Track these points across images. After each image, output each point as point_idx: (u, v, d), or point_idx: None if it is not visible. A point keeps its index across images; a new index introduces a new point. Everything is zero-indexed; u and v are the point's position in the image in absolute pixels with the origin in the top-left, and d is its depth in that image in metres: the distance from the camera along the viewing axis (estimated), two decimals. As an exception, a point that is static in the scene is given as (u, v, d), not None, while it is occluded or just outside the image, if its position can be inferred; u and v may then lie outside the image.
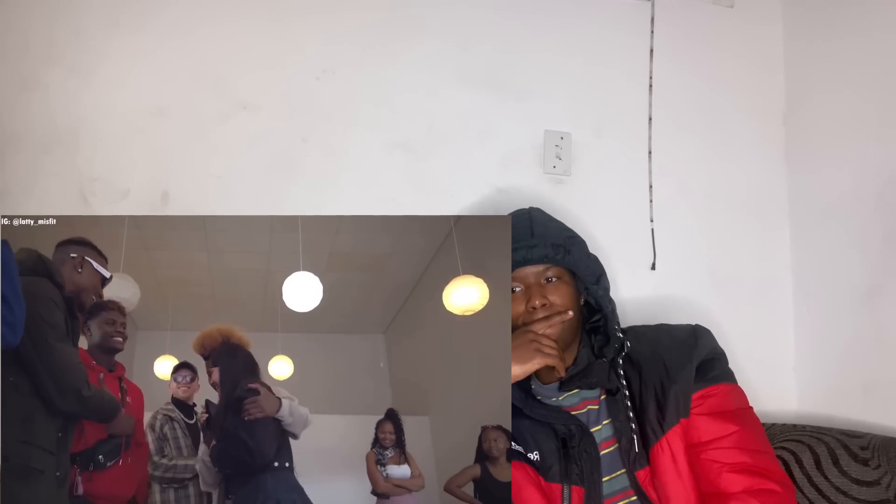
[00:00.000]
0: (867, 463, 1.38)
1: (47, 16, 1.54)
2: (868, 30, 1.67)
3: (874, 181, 1.63)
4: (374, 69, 1.69)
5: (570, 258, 1.27)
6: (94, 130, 1.53)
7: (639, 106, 1.85)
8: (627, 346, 1.29)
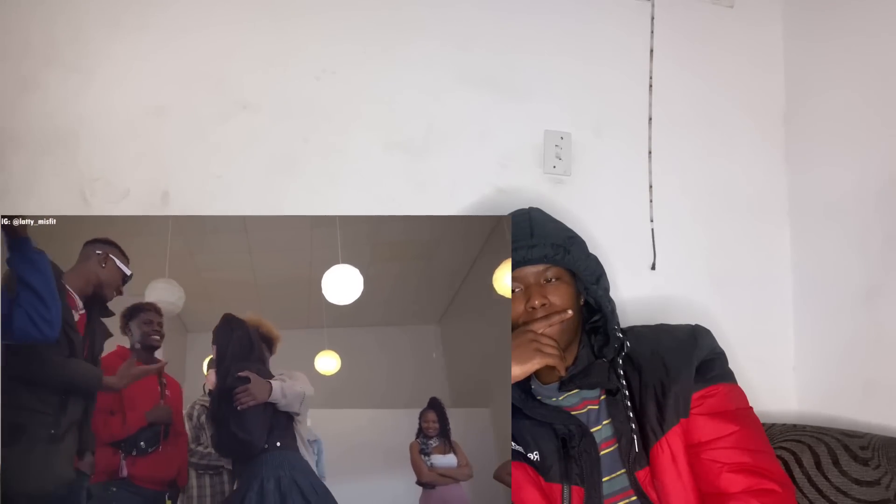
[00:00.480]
0: (867, 463, 1.38)
1: (47, 16, 1.54)
2: (868, 30, 1.67)
3: (874, 181, 1.63)
4: (374, 69, 1.69)
5: (569, 258, 1.27)
6: (94, 130, 1.53)
7: (639, 106, 1.85)
8: (627, 346, 1.29)
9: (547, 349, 1.21)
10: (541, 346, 1.21)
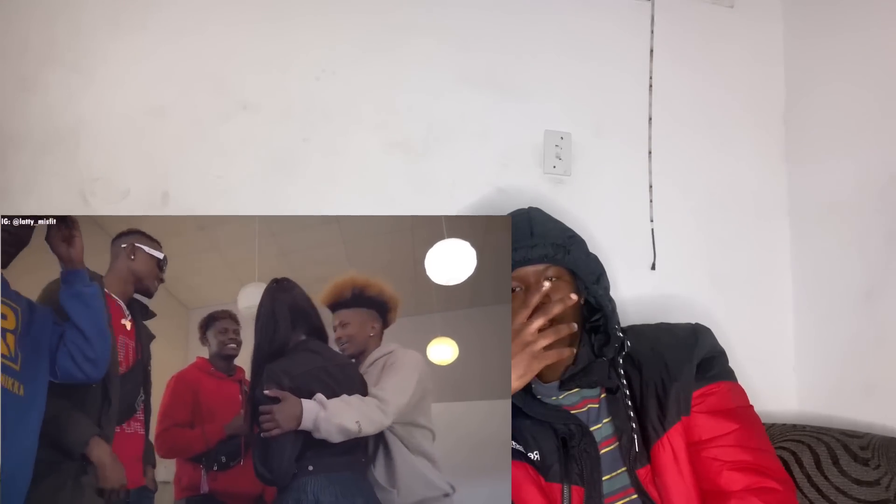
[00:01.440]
0: (867, 463, 1.38)
1: (47, 16, 1.54)
2: (868, 30, 1.67)
3: (874, 181, 1.63)
4: (374, 69, 1.68)
5: (569, 258, 1.27)
6: (94, 130, 1.53)
7: (639, 106, 1.85)
8: (628, 346, 1.29)
9: (537, 348, 1.17)
10: (534, 350, 1.18)
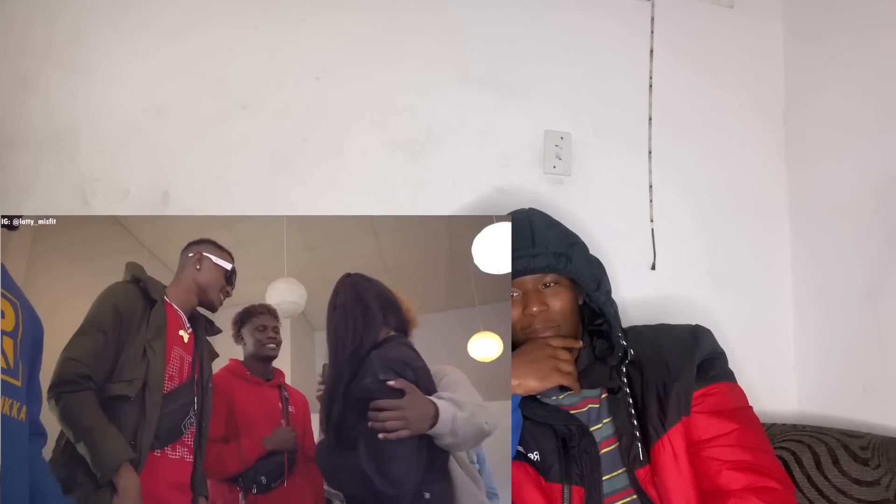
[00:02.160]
0: (867, 463, 1.38)
1: (47, 16, 1.54)
2: (868, 30, 1.67)
3: (874, 181, 1.63)
4: (374, 69, 1.68)
5: (571, 266, 1.27)
6: (94, 130, 1.53)
7: (639, 106, 1.85)
8: (631, 354, 1.29)
9: (565, 367, 1.22)
10: (559, 363, 1.21)
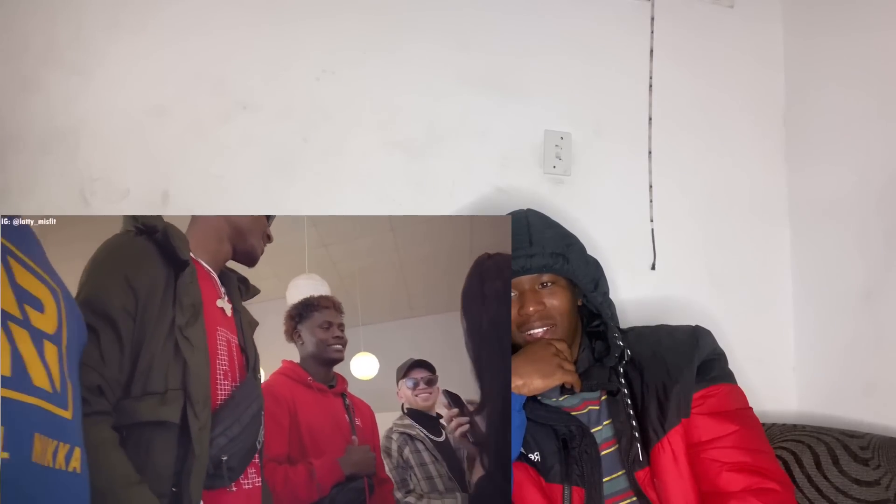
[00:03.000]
0: (867, 463, 1.38)
1: (47, 16, 1.53)
2: (869, 30, 1.67)
3: (875, 181, 1.63)
4: (374, 69, 1.68)
5: (568, 267, 1.27)
6: (94, 130, 1.53)
7: (639, 106, 1.85)
8: (628, 355, 1.29)
9: (567, 366, 1.22)
10: (562, 362, 1.21)
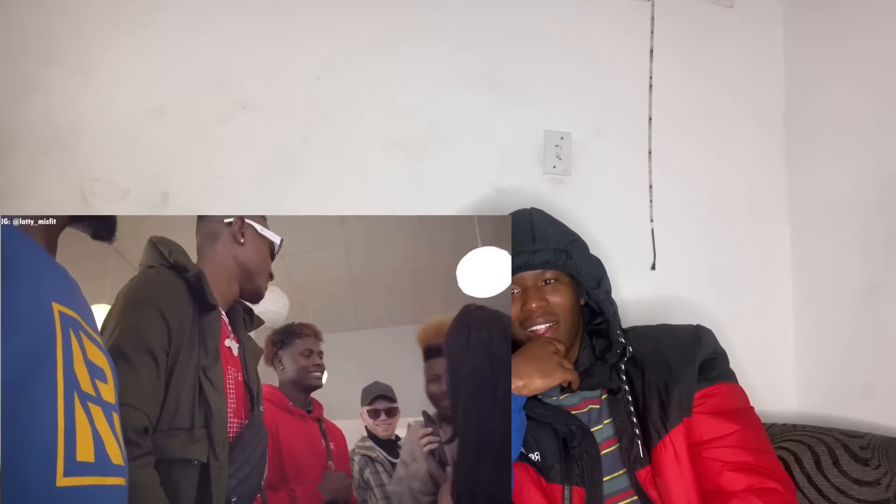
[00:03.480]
0: (867, 463, 1.38)
1: (47, 16, 1.53)
2: (869, 30, 1.67)
3: (874, 181, 1.63)
4: (374, 69, 1.68)
5: (571, 263, 1.27)
6: (94, 130, 1.53)
7: (639, 106, 1.85)
8: (629, 352, 1.29)
9: (567, 364, 1.22)
10: (562, 360, 1.21)
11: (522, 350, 1.24)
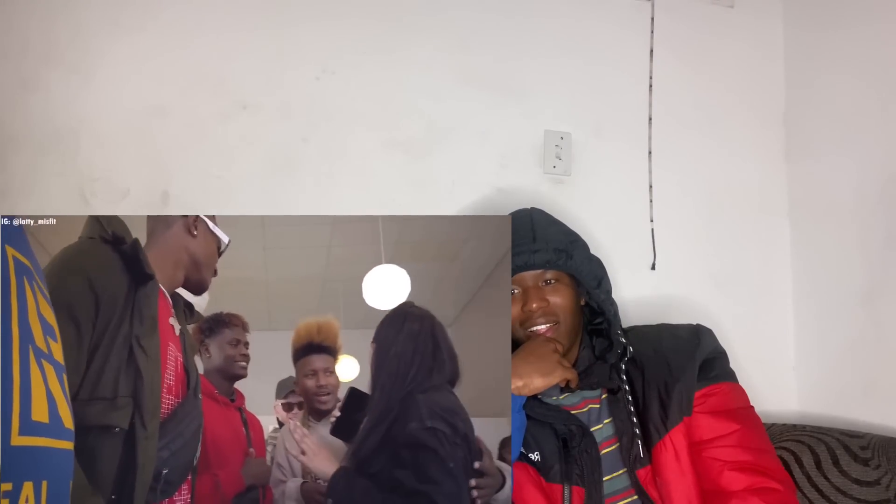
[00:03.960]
0: (867, 463, 1.38)
1: (47, 16, 1.53)
2: (869, 31, 1.67)
3: (875, 181, 1.63)
4: (374, 69, 1.68)
5: (571, 263, 1.27)
6: (94, 130, 1.53)
7: (639, 106, 1.85)
8: (630, 352, 1.29)
9: (566, 363, 1.22)
10: (561, 358, 1.22)
11: (521, 349, 1.24)
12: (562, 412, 1.27)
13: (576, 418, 1.26)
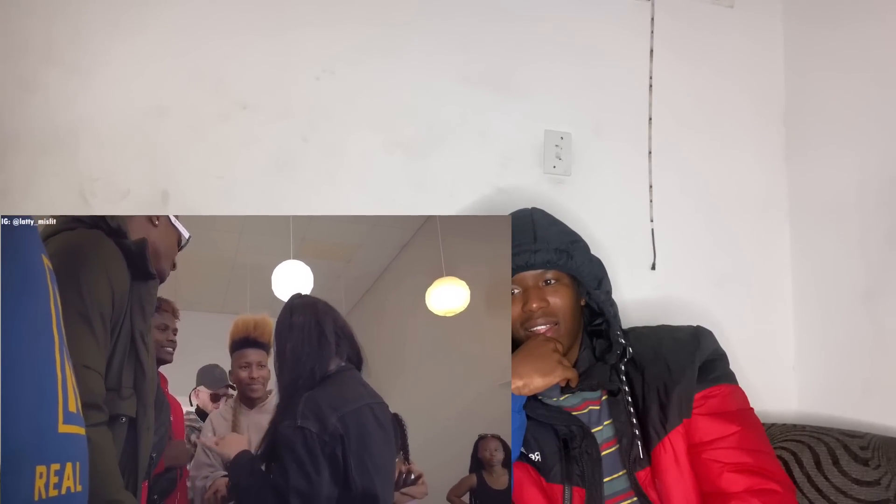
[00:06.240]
0: (867, 463, 1.38)
1: (47, 16, 1.53)
2: (869, 31, 1.67)
3: (874, 181, 1.63)
4: (374, 69, 1.68)
5: (572, 263, 1.27)
6: (94, 130, 1.53)
7: (639, 106, 1.85)
8: (629, 353, 1.29)
9: (566, 362, 1.22)
10: (561, 358, 1.22)
11: (521, 349, 1.24)
12: (563, 413, 1.27)
13: (576, 419, 1.26)
